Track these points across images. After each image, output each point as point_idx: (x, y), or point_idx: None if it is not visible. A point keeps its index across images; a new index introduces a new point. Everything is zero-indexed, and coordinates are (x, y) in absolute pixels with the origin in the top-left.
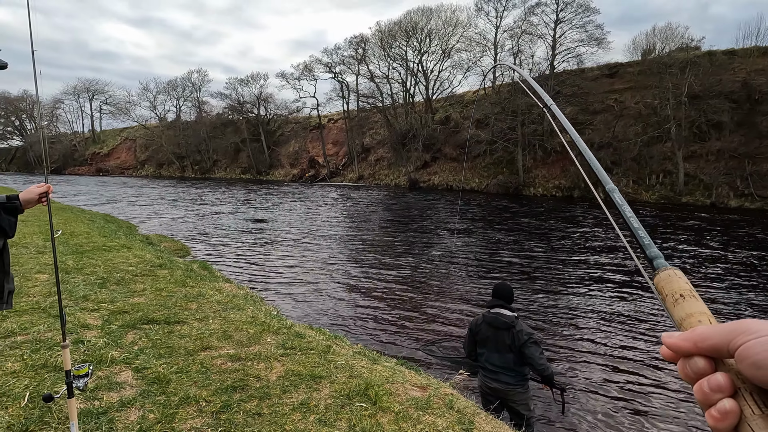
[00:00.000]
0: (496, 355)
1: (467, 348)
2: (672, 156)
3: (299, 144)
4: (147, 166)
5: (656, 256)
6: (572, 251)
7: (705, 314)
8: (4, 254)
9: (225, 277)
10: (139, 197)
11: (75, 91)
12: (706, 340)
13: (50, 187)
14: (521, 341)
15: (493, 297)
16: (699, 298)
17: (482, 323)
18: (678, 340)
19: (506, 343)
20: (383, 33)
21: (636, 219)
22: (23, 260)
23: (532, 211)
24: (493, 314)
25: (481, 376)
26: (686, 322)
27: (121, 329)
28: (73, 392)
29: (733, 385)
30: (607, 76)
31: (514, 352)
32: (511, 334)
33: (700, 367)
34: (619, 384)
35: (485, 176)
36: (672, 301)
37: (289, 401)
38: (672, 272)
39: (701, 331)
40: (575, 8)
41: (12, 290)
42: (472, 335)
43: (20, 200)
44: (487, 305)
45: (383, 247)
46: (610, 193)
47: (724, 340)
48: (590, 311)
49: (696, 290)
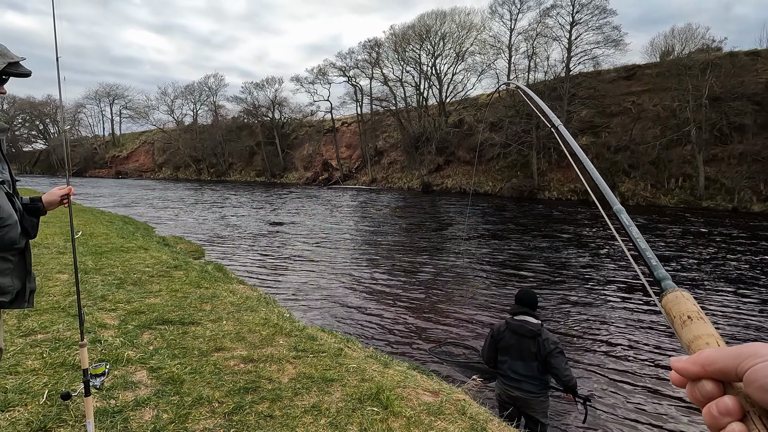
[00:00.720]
0: (520, 363)
1: (486, 354)
2: (692, 159)
3: (313, 147)
4: (164, 168)
5: (664, 277)
6: (588, 256)
7: (713, 336)
8: (27, 254)
9: (239, 279)
10: (157, 199)
11: (96, 96)
12: (714, 363)
13: (71, 189)
14: (548, 350)
15: (517, 304)
16: (706, 320)
17: (506, 330)
18: (686, 364)
19: (531, 351)
20: (397, 37)
21: (643, 240)
22: (44, 260)
23: (547, 216)
24: (518, 321)
25: (501, 384)
26: (694, 344)
27: (137, 329)
28: (90, 391)
29: (742, 409)
30: (625, 78)
31: (539, 361)
32: (536, 342)
33: (708, 390)
34: (639, 393)
35: (499, 179)
36: (680, 323)
37: (301, 404)
38: (679, 293)
39: (708, 354)
40: (591, 10)
41: (33, 289)
42: (494, 342)
43: (43, 202)
44: (510, 312)
45: (396, 250)
46: (618, 214)
47: (732, 364)
48: (607, 319)
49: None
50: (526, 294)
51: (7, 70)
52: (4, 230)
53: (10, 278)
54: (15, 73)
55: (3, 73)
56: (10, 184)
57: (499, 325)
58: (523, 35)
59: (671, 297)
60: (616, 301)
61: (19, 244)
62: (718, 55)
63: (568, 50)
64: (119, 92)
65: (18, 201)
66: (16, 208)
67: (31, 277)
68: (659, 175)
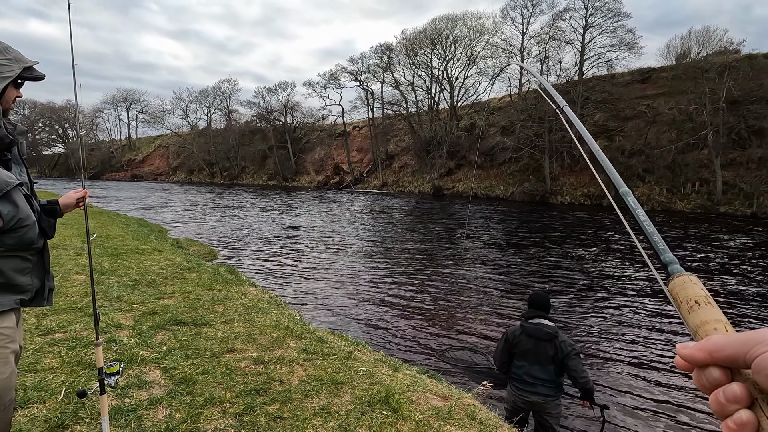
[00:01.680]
0: (537, 367)
1: (500, 359)
2: (709, 164)
3: (324, 151)
4: (179, 172)
5: (671, 261)
6: (600, 261)
7: (721, 321)
8: (45, 254)
9: (250, 281)
10: (171, 202)
11: (114, 101)
12: (722, 350)
13: (87, 193)
14: (565, 352)
15: (531, 307)
16: (715, 305)
17: (522, 334)
18: (693, 351)
19: (549, 354)
20: (408, 41)
21: (650, 223)
22: (62, 261)
23: (559, 220)
24: (534, 325)
25: (515, 389)
26: (701, 329)
27: (151, 330)
28: (105, 389)
29: (750, 396)
30: (639, 81)
31: (556, 364)
32: (554, 345)
33: (716, 377)
34: (657, 400)
35: (510, 184)
36: (687, 308)
37: (310, 406)
38: (687, 278)
39: (716, 340)
40: (605, 13)
41: (52, 288)
42: (508, 346)
43: (60, 204)
44: (524, 316)
45: (405, 255)
46: (624, 197)
47: (740, 351)
48: (623, 324)
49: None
50: (540, 297)
51: (23, 74)
52: (23, 230)
53: (30, 277)
54: (30, 77)
55: (19, 78)
56: (28, 186)
57: (514, 329)
58: (536, 39)
59: (678, 281)
60: (635, 304)
61: (37, 244)
62: (736, 58)
63: (581, 53)
64: (136, 97)
65: (36, 202)
66: (35, 209)
67: (49, 276)
68: (675, 180)
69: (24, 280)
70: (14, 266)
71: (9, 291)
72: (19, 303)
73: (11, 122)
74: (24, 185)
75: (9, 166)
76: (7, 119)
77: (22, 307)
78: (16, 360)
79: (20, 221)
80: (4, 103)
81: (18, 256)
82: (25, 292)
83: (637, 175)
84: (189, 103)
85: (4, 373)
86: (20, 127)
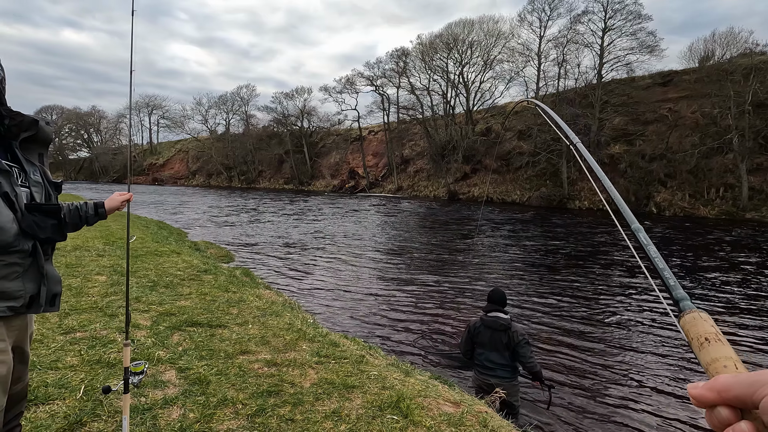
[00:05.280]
0: (494, 354)
1: (464, 347)
2: (734, 168)
3: (340, 155)
4: (197, 176)
5: (682, 297)
6: (614, 271)
7: (731, 359)
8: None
9: (265, 284)
10: (190, 205)
11: (136, 107)
12: (729, 390)
13: (132, 196)
14: (516, 341)
15: (490, 302)
16: (725, 342)
17: (481, 326)
18: (702, 391)
19: (503, 342)
20: (424, 46)
21: (662, 260)
22: (85, 262)
23: (576, 226)
24: (491, 317)
25: (478, 374)
26: (712, 367)
27: (168, 330)
28: (128, 388)
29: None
30: (660, 84)
31: (510, 351)
32: (507, 334)
33: (725, 417)
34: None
35: (527, 189)
36: (698, 345)
37: (322, 409)
38: (697, 315)
39: (724, 381)
40: (625, 15)
41: (57, 293)
42: (470, 336)
43: (105, 207)
44: (484, 309)
45: (422, 260)
46: (636, 233)
47: (748, 392)
48: (635, 346)
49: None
50: (497, 293)
51: None
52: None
53: (20, 282)
54: None
55: None
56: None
57: (475, 321)
58: (553, 42)
59: (689, 318)
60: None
61: (17, 247)
62: (762, 59)
63: (600, 57)
64: (157, 103)
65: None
66: (16, 208)
67: (49, 279)
68: (698, 185)
69: (11, 286)
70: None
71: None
72: (8, 311)
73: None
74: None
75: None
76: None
77: (18, 314)
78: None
79: None
80: None
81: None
82: (15, 298)
83: (659, 180)
84: (208, 109)
85: None
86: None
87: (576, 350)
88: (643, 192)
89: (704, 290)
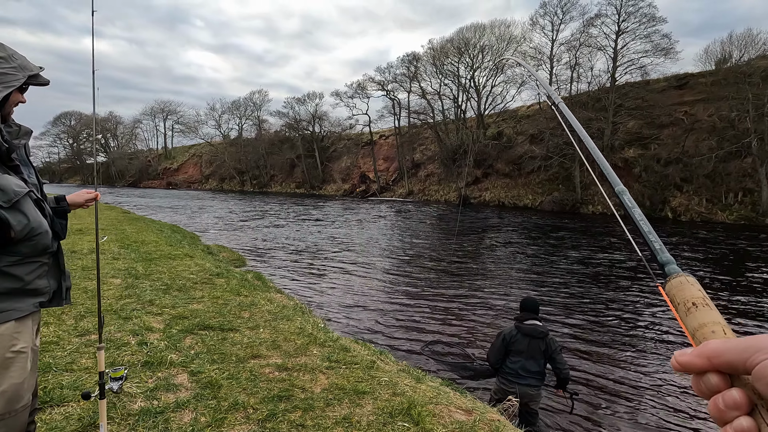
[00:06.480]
0: (531, 362)
1: (495, 356)
2: (753, 173)
3: (351, 160)
4: (211, 180)
5: (668, 261)
6: (624, 276)
7: (719, 324)
8: (59, 255)
9: (276, 288)
10: (203, 209)
11: (152, 112)
12: (721, 356)
13: (98, 195)
14: (553, 348)
15: (524, 310)
16: (713, 307)
17: (518, 334)
18: (691, 357)
19: (541, 349)
20: (435, 50)
21: (647, 222)
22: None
23: (589, 231)
24: (530, 325)
25: (507, 382)
26: (699, 332)
27: (180, 333)
28: (104, 394)
29: (750, 402)
30: (676, 87)
31: (546, 358)
32: (545, 342)
33: (714, 383)
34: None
35: (539, 193)
36: (684, 310)
37: (332, 414)
38: (684, 279)
39: (715, 346)
40: (639, 18)
41: (69, 287)
42: (505, 345)
43: (67, 201)
44: (518, 318)
45: (433, 265)
46: (620, 195)
47: (740, 357)
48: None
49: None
50: (531, 301)
51: (28, 81)
52: (37, 239)
53: (46, 279)
54: (35, 83)
55: (24, 84)
56: (37, 188)
57: (510, 329)
58: (566, 45)
59: (675, 282)
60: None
61: (52, 249)
62: None
63: (614, 60)
64: (172, 108)
65: (47, 205)
66: (46, 213)
67: (65, 275)
68: (716, 190)
69: (41, 284)
70: (30, 271)
71: (27, 295)
72: (38, 306)
73: (12, 125)
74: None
75: (19, 170)
76: (8, 124)
77: (42, 308)
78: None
79: (32, 230)
80: (7, 108)
81: (34, 261)
82: (43, 294)
83: (674, 184)
84: (222, 114)
85: (17, 379)
86: (24, 128)
87: (596, 358)
88: (658, 197)
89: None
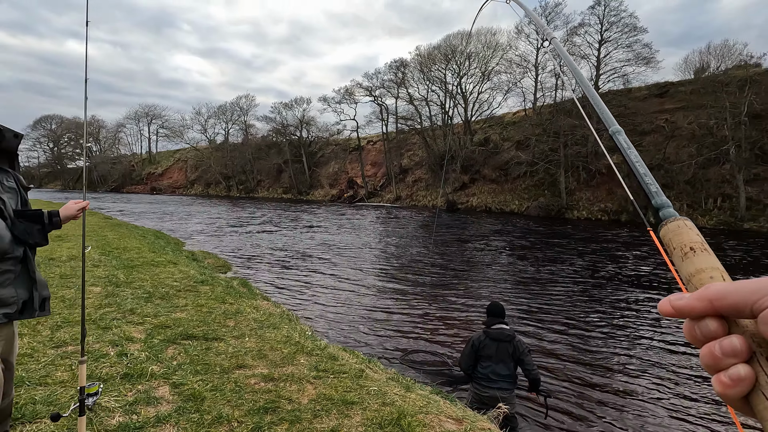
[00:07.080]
0: (501, 365)
1: (466, 362)
2: (731, 179)
3: (339, 165)
4: (196, 185)
5: (663, 204)
6: (615, 281)
7: (717, 269)
8: (28, 262)
9: (263, 295)
10: (188, 215)
11: (136, 116)
12: (725, 298)
13: (88, 203)
14: (521, 350)
15: (491, 315)
16: (711, 252)
17: (486, 339)
18: (690, 301)
19: (509, 352)
20: (422, 57)
21: (643, 164)
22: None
23: (575, 235)
24: (497, 329)
25: (481, 387)
26: (695, 278)
27: (162, 343)
28: (84, 410)
29: (750, 350)
30: (657, 95)
31: (515, 361)
32: (513, 345)
33: (712, 329)
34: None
35: (525, 198)
36: (680, 255)
37: (320, 427)
38: (682, 222)
39: (718, 288)
40: (621, 28)
41: (47, 297)
42: (474, 350)
43: (60, 216)
44: (486, 323)
45: (421, 272)
46: (614, 135)
47: (747, 300)
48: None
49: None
50: (497, 306)
51: None
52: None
53: (13, 288)
54: None
55: None
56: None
57: (478, 335)
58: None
59: (672, 227)
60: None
61: (12, 253)
62: (757, 71)
63: (597, 68)
64: (157, 112)
65: (8, 208)
66: (6, 215)
67: (38, 285)
68: (696, 195)
69: (5, 293)
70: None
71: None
72: (3, 318)
73: None
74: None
75: None
76: None
77: (12, 320)
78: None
79: None
80: None
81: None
82: (8, 305)
83: None
84: (208, 118)
85: None
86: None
87: (570, 358)
88: (641, 202)
89: None
